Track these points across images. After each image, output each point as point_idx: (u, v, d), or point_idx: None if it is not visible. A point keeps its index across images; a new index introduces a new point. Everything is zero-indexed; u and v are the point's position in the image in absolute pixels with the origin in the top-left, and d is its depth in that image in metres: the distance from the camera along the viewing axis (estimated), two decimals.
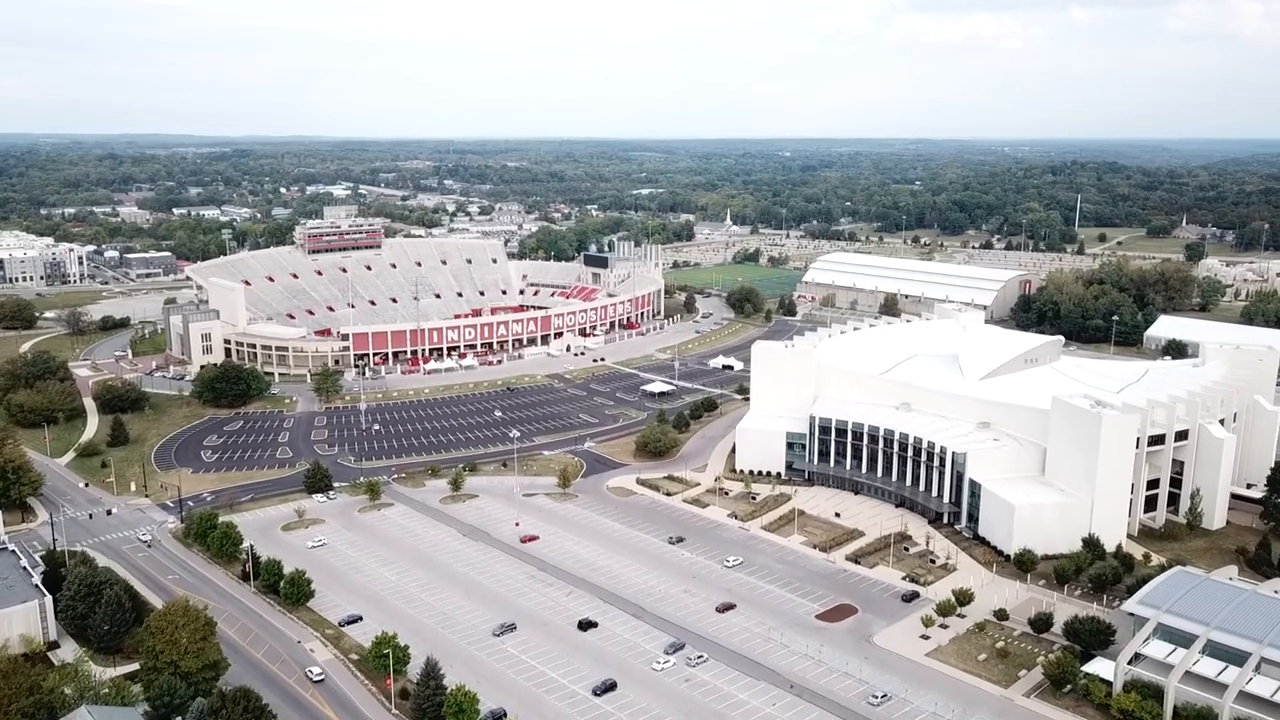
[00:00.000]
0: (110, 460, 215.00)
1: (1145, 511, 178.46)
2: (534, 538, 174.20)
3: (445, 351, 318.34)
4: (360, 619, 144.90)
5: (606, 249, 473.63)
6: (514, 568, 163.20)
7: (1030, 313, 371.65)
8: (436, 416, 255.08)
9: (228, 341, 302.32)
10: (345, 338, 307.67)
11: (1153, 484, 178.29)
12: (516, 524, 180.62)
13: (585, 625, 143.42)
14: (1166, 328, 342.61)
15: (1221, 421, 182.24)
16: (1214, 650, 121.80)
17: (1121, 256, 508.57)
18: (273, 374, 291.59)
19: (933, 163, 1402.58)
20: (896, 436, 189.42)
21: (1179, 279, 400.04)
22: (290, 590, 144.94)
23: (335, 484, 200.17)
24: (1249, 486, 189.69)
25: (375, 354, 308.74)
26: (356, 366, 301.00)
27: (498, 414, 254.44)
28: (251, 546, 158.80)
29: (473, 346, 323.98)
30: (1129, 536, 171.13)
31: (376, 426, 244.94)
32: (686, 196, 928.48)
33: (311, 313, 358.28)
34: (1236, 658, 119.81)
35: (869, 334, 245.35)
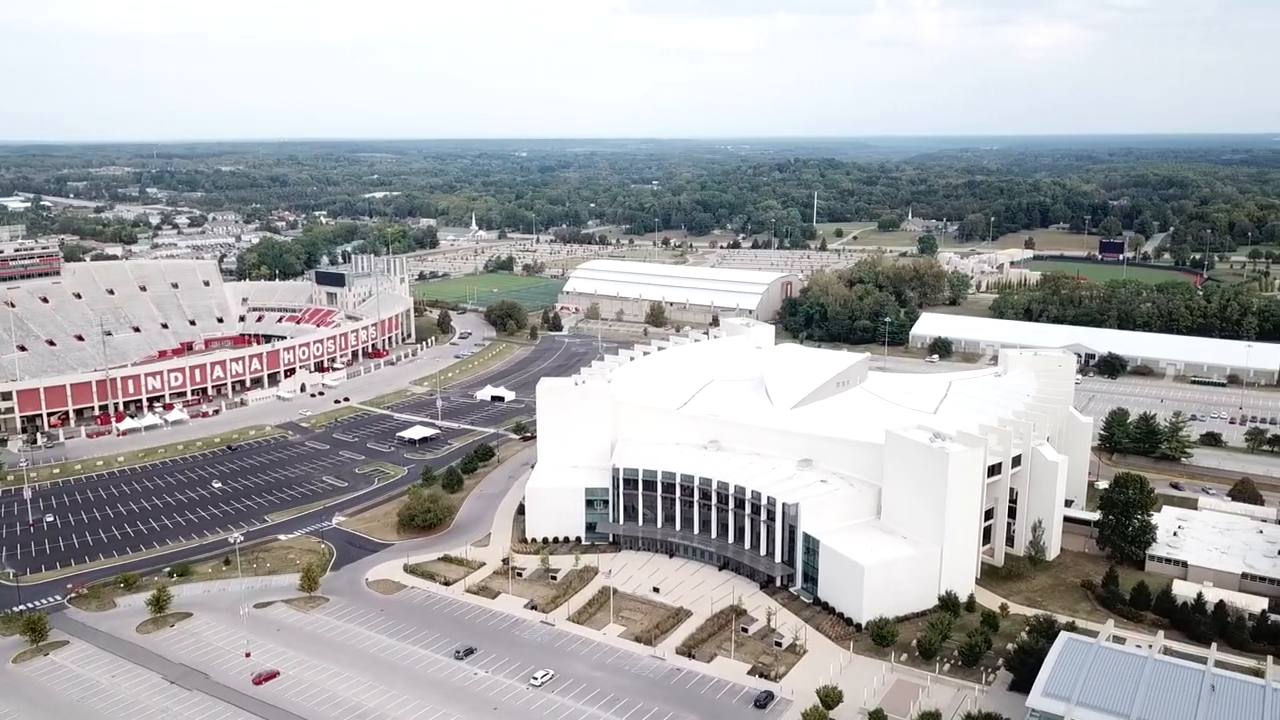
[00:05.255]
0: None
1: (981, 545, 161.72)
2: (273, 674, 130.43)
3: (146, 404, 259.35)
4: None
5: (342, 262, 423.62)
6: None
7: (797, 316, 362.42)
8: (134, 495, 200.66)
9: None
10: (8, 396, 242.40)
11: (984, 515, 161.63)
12: (247, 654, 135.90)
13: None
14: (929, 325, 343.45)
15: (1048, 439, 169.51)
16: None
17: (873, 252, 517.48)
18: None
19: (665, 162, 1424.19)
20: (715, 485, 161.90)
21: (932, 275, 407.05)
22: None
23: None
24: (1068, 504, 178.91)
25: (51, 414, 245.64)
26: (24, 432, 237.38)
27: (216, 485, 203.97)
28: None
29: (182, 394, 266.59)
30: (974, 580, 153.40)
31: (49, 517, 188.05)
32: (425, 199, 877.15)
33: None
34: None
35: (660, 358, 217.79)
